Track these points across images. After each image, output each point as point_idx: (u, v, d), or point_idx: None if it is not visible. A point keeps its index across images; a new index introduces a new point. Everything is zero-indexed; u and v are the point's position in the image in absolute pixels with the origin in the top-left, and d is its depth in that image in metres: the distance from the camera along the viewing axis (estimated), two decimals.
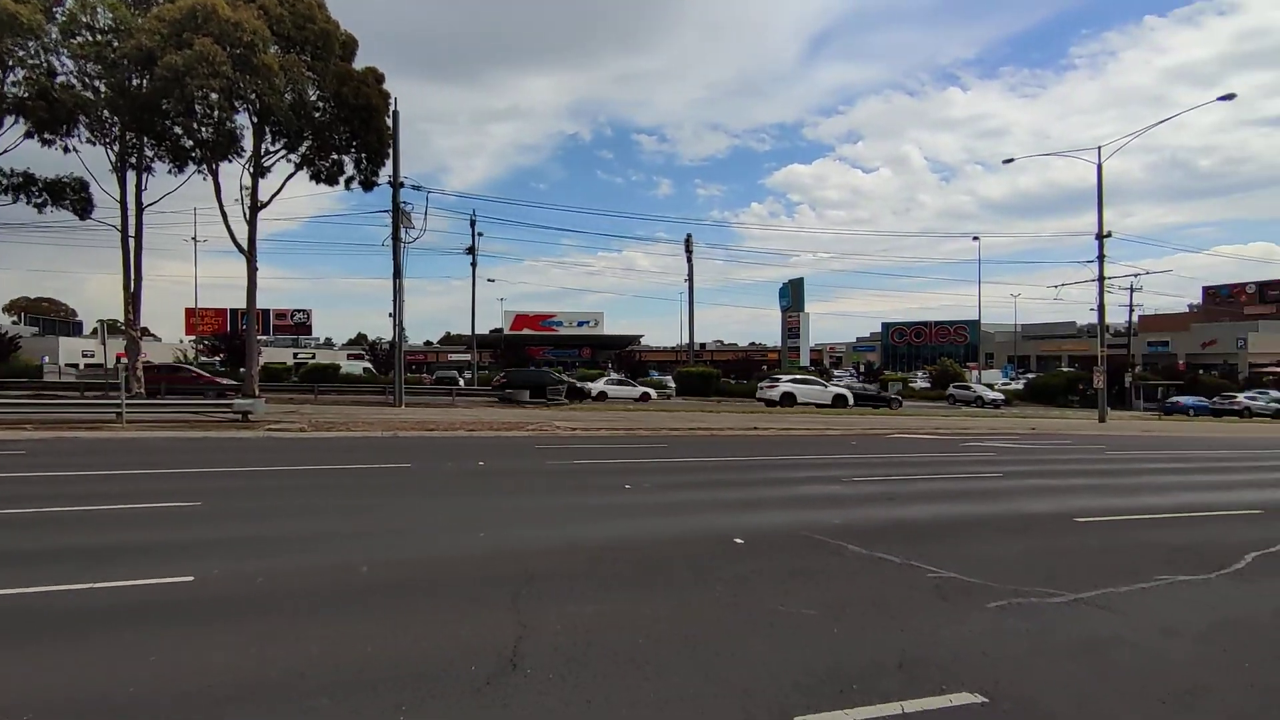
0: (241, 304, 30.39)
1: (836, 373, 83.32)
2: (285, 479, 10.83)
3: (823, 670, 3.98)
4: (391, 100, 28.10)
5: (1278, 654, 4.43)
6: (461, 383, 45.24)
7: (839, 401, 37.74)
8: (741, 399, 44.39)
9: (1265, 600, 5.55)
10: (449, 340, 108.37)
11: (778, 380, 39.84)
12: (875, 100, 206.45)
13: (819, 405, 36.99)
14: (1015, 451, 18.03)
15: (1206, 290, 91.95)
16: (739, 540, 7.03)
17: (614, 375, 46.19)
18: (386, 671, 3.81)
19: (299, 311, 77.93)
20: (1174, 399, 47.92)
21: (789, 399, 37.14)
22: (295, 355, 67.96)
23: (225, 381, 32.37)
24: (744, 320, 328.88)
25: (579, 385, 38.19)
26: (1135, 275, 52.77)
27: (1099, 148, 32.17)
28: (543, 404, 33.46)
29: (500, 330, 77.66)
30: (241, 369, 33.10)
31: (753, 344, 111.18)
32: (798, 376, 42.60)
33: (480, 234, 42.40)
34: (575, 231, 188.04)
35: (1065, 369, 67.04)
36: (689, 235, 49.31)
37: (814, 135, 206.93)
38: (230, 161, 26.47)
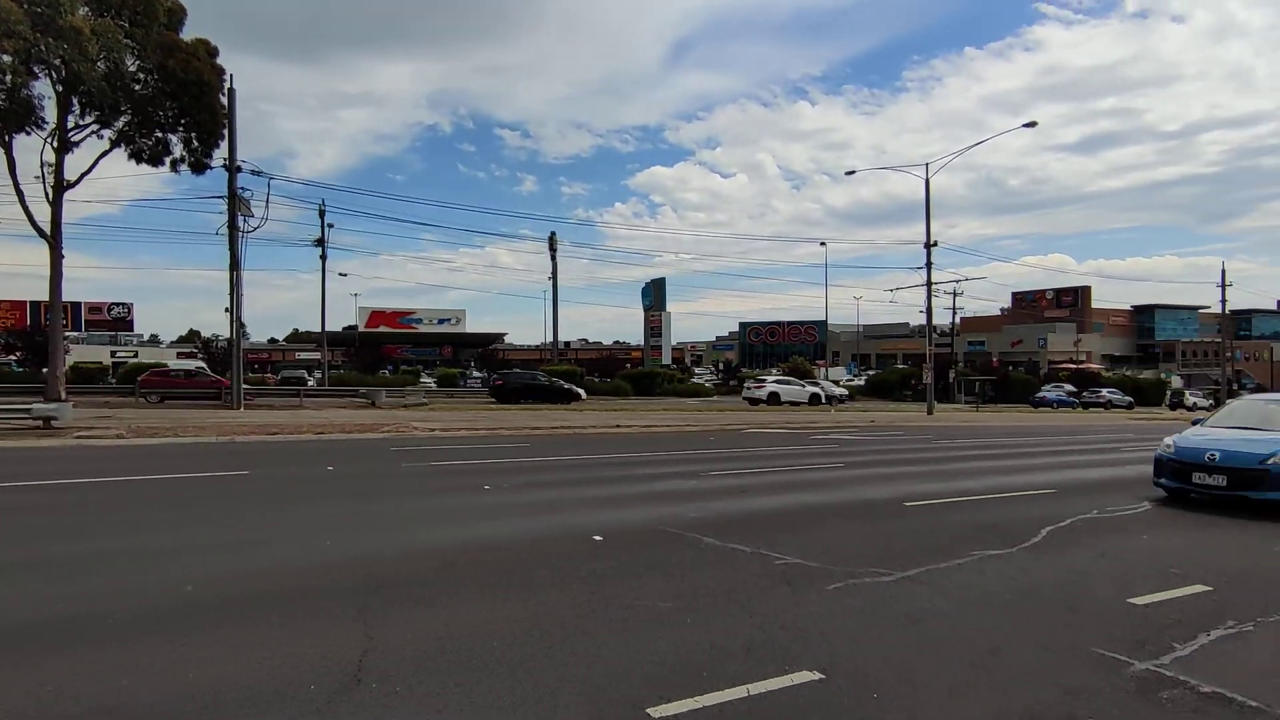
0: (44, 296, 26.82)
1: (697, 370, 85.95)
2: (95, 492, 9.69)
3: (675, 661, 4.09)
4: (227, 77, 25.87)
5: (1062, 618, 5.06)
6: (312, 382, 42.55)
7: (814, 400, 41.27)
8: (605, 397, 44.81)
9: (1054, 570, 6.32)
10: (297, 338, 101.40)
11: (764, 381, 43.66)
12: (732, 108, 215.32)
13: (795, 404, 40.15)
14: (856, 443, 19.42)
15: (1015, 296, 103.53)
16: (598, 538, 7.09)
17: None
18: (209, 700, 3.50)
19: (117, 305, 70.01)
20: (1040, 394, 54.31)
21: (774, 398, 40.13)
22: (114, 354, 60.98)
23: None
24: (609, 319, 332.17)
25: (566, 387, 38.02)
26: (957, 281, 58.62)
27: (926, 164, 35.38)
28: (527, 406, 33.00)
29: (355, 327, 73.68)
30: (44, 369, 29.29)
31: (617, 342, 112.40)
32: (779, 377, 46.19)
33: (330, 225, 40.06)
34: (435, 226, 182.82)
35: (900, 366, 73.08)
36: (553, 233, 49.17)
37: (676, 139, 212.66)
38: (28, 134, 23.35)
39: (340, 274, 69.89)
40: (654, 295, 79.43)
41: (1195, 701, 3.73)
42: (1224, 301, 55.95)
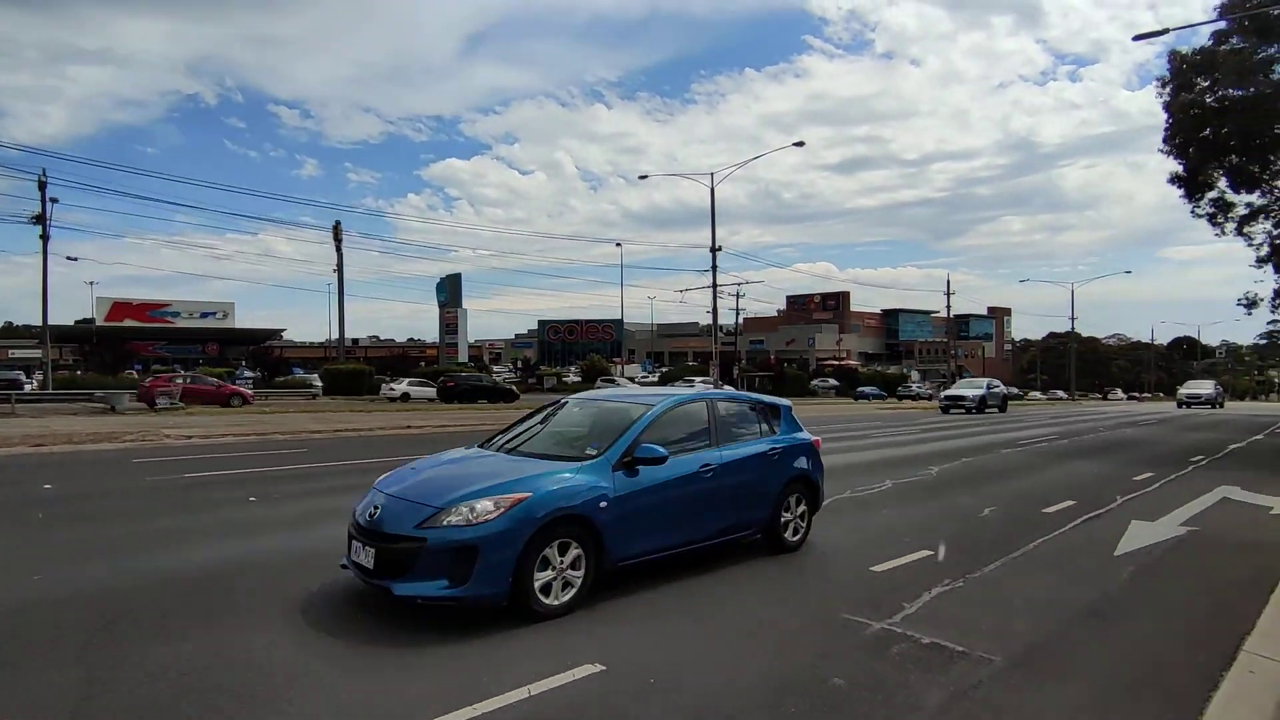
0: None
1: (496, 368, 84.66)
2: None
3: (454, 678, 3.96)
4: None
5: (819, 588, 5.61)
6: (32, 385, 35.94)
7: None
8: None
9: (814, 546, 7.00)
10: (12, 333, 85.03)
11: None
12: (530, 105, 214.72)
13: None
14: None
15: (789, 299, 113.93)
16: None
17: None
18: None
19: None
20: (860, 389, 60.84)
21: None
22: None
23: None
24: (403, 315, 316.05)
25: (508, 387, 41.36)
26: (740, 284, 63.07)
27: (712, 174, 37.75)
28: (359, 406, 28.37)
29: (92, 320, 63.16)
30: None
31: (411, 340, 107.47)
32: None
33: (54, 200, 33.74)
34: (196, 208, 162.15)
35: (691, 363, 77.39)
36: (338, 222, 45.62)
37: (473, 132, 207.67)
38: None
39: (69, 258, 59.50)
40: (450, 291, 76.94)
41: (918, 652, 4.32)
42: (949, 308, 65.68)
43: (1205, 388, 50.04)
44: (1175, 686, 3.97)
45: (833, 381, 64.79)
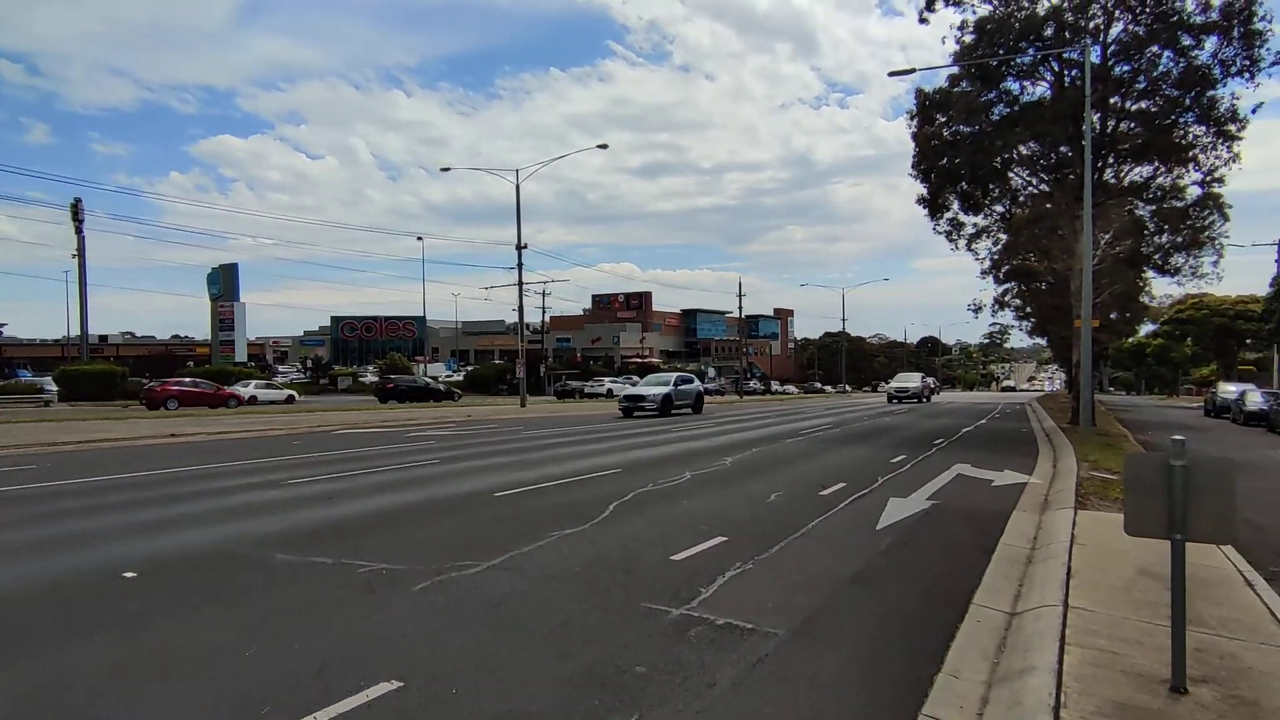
0: None
1: (282, 369, 77.53)
2: None
3: (232, 703, 3.57)
4: None
5: (620, 580, 5.78)
6: None
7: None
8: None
9: (618, 539, 7.19)
10: None
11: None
12: (320, 85, 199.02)
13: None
14: (453, 438, 19.57)
15: (594, 298, 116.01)
16: (130, 574, 5.83)
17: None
18: None
19: None
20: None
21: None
22: None
23: None
24: (168, 310, 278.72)
25: (446, 389, 43.53)
26: (546, 283, 63.28)
27: (517, 171, 37.37)
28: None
29: None
30: None
31: (176, 337, 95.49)
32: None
33: None
34: None
35: (497, 361, 76.03)
36: (77, 199, 39.10)
37: (252, 108, 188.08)
38: None
39: None
40: (224, 283, 69.05)
41: (713, 634, 4.59)
42: (741, 309, 70.69)
43: (913, 381, 47.53)
44: (923, 639, 4.57)
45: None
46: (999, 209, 27.84)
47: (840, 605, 5.25)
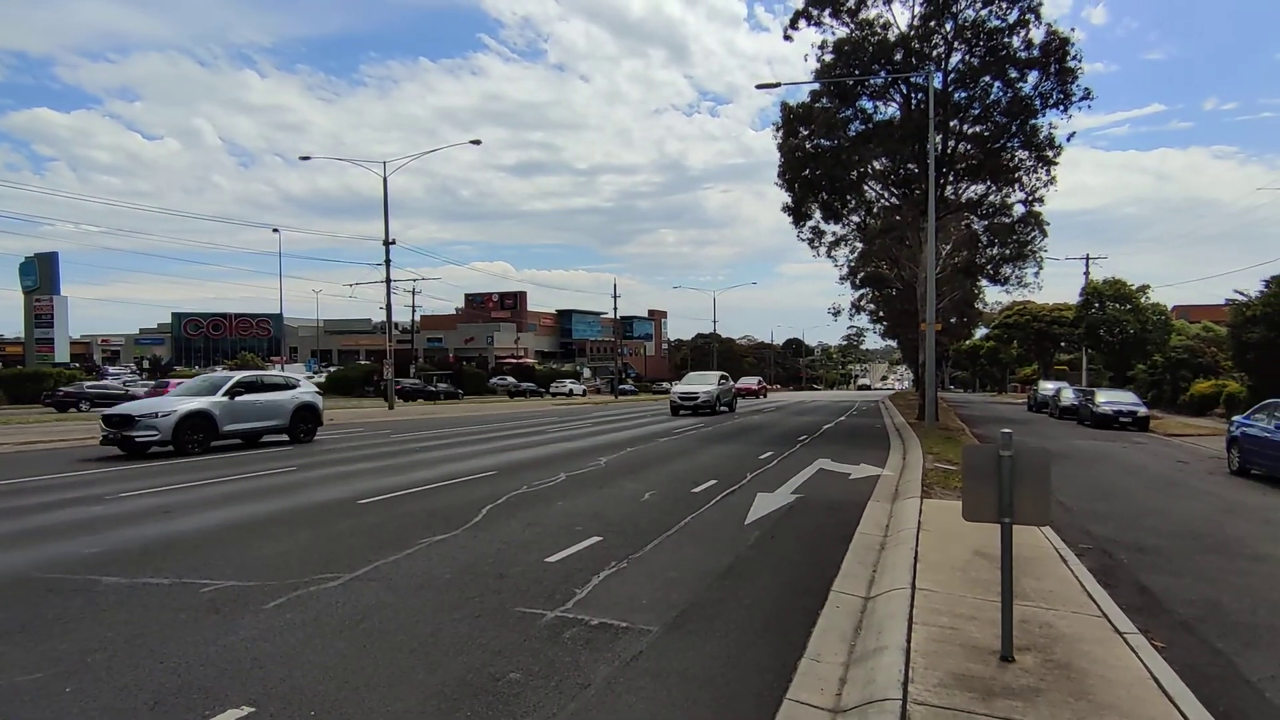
0: None
1: (113, 370, 70.07)
2: None
3: None
4: None
5: (493, 586, 5.65)
6: None
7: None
8: None
9: (491, 544, 7.04)
10: None
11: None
12: (159, 59, 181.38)
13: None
14: (311, 444, 18.41)
15: (467, 297, 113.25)
16: None
17: None
18: None
19: None
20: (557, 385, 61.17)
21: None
22: None
23: None
24: None
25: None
26: (416, 280, 61.07)
27: (385, 163, 35.73)
28: None
29: None
30: None
31: None
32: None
33: None
34: None
35: (363, 362, 72.42)
36: None
37: (74, 79, 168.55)
38: None
39: None
40: (41, 274, 61.39)
41: (588, 634, 4.58)
42: (616, 309, 71.31)
43: (706, 384, 30.73)
44: (787, 627, 4.79)
45: (511, 379, 65.98)
46: (856, 219, 29.80)
47: (711, 599, 5.39)
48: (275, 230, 77.11)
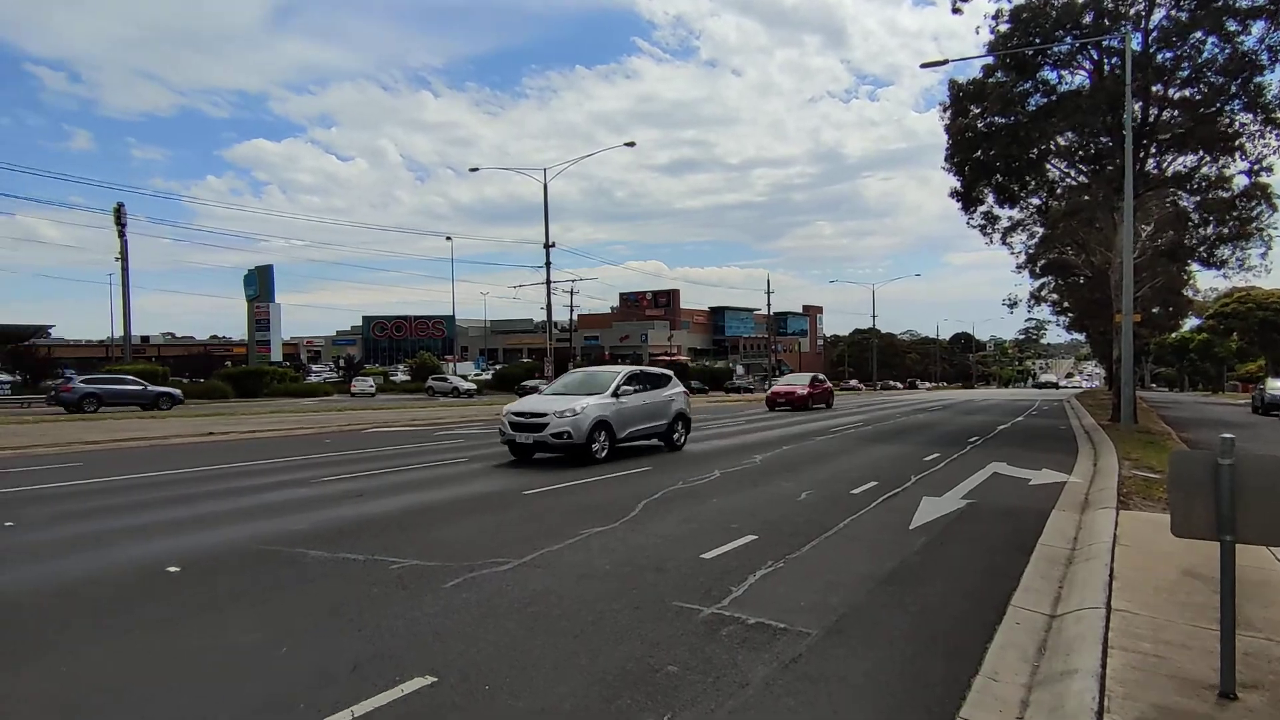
0: None
1: (315, 368, 78.86)
2: None
3: (260, 701, 3.62)
4: None
5: (651, 579, 5.76)
6: None
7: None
8: (200, 400, 38.39)
9: (648, 538, 7.18)
10: None
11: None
12: (350, 87, 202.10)
13: None
14: (481, 437, 19.71)
15: (622, 296, 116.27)
16: (174, 569, 5.97)
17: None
18: None
19: None
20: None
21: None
22: None
23: None
24: (205, 310, 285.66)
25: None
26: (574, 281, 63.54)
27: (545, 170, 37.51)
28: None
29: None
30: None
31: (215, 337, 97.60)
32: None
33: None
34: None
35: (525, 360, 76.54)
36: (120, 204, 40.18)
37: (283, 111, 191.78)
38: None
39: None
40: (260, 284, 70.52)
41: (745, 633, 4.55)
42: (769, 306, 70.31)
43: (584, 393, 13.81)
44: (959, 641, 4.48)
45: None
46: (1035, 201, 27.29)
47: (874, 605, 5.16)
48: (448, 238, 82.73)
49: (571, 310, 64.72)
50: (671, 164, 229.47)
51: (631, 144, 36.53)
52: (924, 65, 20.78)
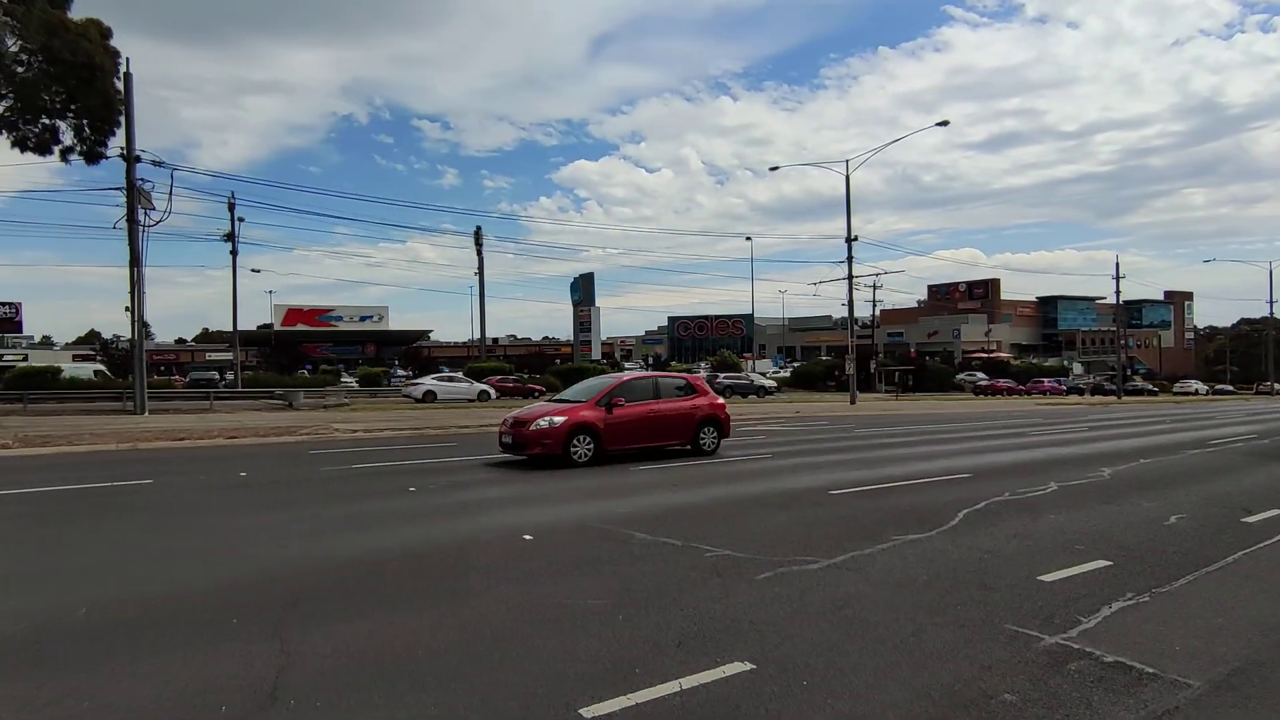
0: None
1: (628, 365, 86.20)
2: None
3: (607, 659, 4.05)
4: (122, 60, 24.25)
5: (977, 596, 5.27)
6: (223, 384, 40.51)
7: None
8: (526, 397, 44.41)
9: (970, 551, 6.59)
10: (207, 338, 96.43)
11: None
12: (656, 103, 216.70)
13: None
14: (783, 434, 19.85)
15: (930, 288, 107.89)
16: (528, 536, 7.00)
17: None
18: None
19: (4, 305, 64.73)
20: (990, 382, 58.71)
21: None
22: (0, 357, 56.57)
23: None
24: (538, 314, 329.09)
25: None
26: (877, 274, 60.45)
27: (846, 161, 36.31)
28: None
29: (270, 326, 70.49)
30: None
31: (546, 338, 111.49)
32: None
33: (241, 219, 38.05)
34: (353, 220, 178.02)
35: (824, 357, 75.15)
36: (479, 228, 48.24)
37: (600, 133, 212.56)
38: None
39: (253, 270, 66.47)
40: (582, 290, 79.20)
41: (1100, 671, 3.94)
42: (1118, 293, 59.78)
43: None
44: None
45: (981, 376, 60.73)
46: None
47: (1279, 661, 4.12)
48: (748, 238, 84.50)
49: (873, 305, 61.88)
50: (990, 139, 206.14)
51: (945, 123, 33.91)
52: None
